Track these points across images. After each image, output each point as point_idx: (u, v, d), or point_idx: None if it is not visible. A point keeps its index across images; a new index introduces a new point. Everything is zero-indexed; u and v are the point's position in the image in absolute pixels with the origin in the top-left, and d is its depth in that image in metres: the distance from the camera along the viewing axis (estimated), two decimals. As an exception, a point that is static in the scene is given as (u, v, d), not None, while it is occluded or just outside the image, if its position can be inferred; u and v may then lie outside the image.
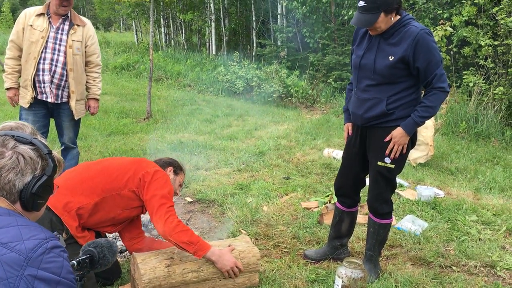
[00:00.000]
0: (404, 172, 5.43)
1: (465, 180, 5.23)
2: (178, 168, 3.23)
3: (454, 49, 8.63)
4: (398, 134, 2.87)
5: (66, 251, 1.38)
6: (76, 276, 1.65)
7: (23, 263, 1.24)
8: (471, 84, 8.00)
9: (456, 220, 4.05)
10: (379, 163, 2.97)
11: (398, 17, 2.83)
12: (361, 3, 2.75)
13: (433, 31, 8.01)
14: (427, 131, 5.60)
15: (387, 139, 2.91)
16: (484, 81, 8.02)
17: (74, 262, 1.64)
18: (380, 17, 2.73)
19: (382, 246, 3.19)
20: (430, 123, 5.69)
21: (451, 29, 7.93)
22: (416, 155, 5.69)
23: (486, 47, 7.87)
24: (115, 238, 3.55)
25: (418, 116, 2.83)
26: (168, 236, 2.58)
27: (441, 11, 9.38)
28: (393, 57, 2.79)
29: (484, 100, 7.95)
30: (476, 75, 8.13)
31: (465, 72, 8.30)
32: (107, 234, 3.28)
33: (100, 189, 2.71)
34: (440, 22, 8.12)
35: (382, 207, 3.06)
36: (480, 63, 8.19)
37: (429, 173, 5.48)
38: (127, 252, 3.35)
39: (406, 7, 10.34)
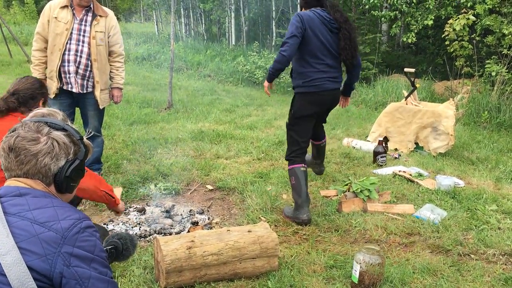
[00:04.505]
0: (423, 161, 5.43)
1: (486, 170, 5.19)
2: (46, 91, 3.15)
3: (477, 38, 8.50)
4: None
5: (98, 231, 1.47)
6: None
7: (60, 241, 1.33)
8: (493, 74, 7.88)
9: (475, 209, 4.05)
10: None
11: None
12: None
13: (455, 20, 7.92)
14: (448, 120, 5.57)
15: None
16: (507, 71, 7.89)
17: None
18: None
19: (295, 192, 3.79)
20: (451, 112, 5.65)
21: (473, 18, 7.82)
22: (436, 144, 5.66)
23: (510, 36, 7.73)
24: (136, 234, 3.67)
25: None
26: None
27: (464, 0, 9.23)
28: None
29: (507, 90, 7.83)
30: (499, 64, 8.00)
31: (487, 61, 8.18)
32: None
33: None
34: (462, 11, 8.01)
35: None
36: (503, 52, 8.06)
37: (449, 162, 5.46)
38: (151, 236, 3.46)
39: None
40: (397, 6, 10.21)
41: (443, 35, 8.46)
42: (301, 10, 3.93)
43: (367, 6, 10.92)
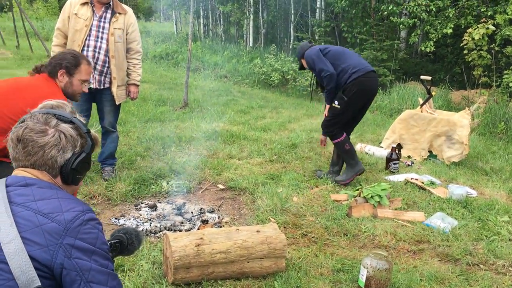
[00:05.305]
0: (436, 170, 5.40)
1: (500, 181, 5.14)
2: (72, 66, 2.98)
3: (496, 48, 8.42)
4: None
5: (101, 223, 1.49)
6: None
7: (62, 232, 1.36)
8: (511, 84, 7.80)
9: (487, 219, 4.01)
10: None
11: None
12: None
13: (475, 29, 7.86)
14: (462, 130, 5.53)
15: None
16: (526, 82, 7.81)
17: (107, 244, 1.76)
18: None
19: (349, 155, 4.69)
20: (466, 122, 5.61)
21: (493, 28, 7.75)
22: (450, 153, 5.62)
23: (530, 47, 7.65)
24: (143, 230, 3.71)
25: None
26: None
27: (484, 9, 9.15)
28: None
29: (525, 101, 7.75)
30: (518, 75, 7.92)
31: (506, 72, 8.09)
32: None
33: None
34: (482, 20, 7.94)
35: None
36: (523, 63, 7.98)
37: (463, 172, 5.41)
38: (161, 232, 3.50)
39: (449, 3, 10.14)
40: (416, 13, 10.16)
41: (461, 44, 8.40)
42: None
43: (385, 13, 10.88)
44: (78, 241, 1.37)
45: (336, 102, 4.51)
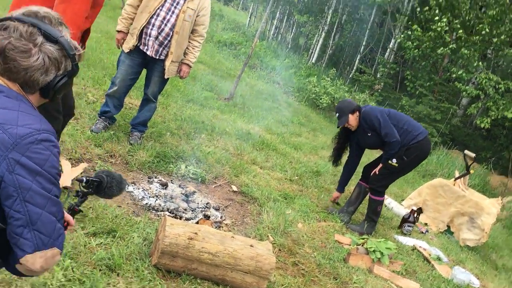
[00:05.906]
0: (448, 247, 5.26)
1: (507, 281, 4.97)
2: None
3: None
4: None
5: (58, 147, 1.44)
6: (80, 192, 1.75)
7: (10, 146, 1.32)
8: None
9: (480, 315, 3.89)
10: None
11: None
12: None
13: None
14: (488, 217, 5.37)
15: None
16: None
17: (84, 178, 1.73)
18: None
19: (377, 216, 4.73)
20: (494, 210, 5.44)
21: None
22: (467, 236, 5.47)
23: None
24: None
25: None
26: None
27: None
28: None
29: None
30: None
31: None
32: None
33: None
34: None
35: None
36: None
37: (474, 258, 5.25)
38: (162, 212, 3.54)
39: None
40: (484, 86, 9.93)
41: (518, 132, 8.16)
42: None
43: (454, 75, 10.67)
44: (24, 158, 1.33)
45: (394, 160, 4.49)
